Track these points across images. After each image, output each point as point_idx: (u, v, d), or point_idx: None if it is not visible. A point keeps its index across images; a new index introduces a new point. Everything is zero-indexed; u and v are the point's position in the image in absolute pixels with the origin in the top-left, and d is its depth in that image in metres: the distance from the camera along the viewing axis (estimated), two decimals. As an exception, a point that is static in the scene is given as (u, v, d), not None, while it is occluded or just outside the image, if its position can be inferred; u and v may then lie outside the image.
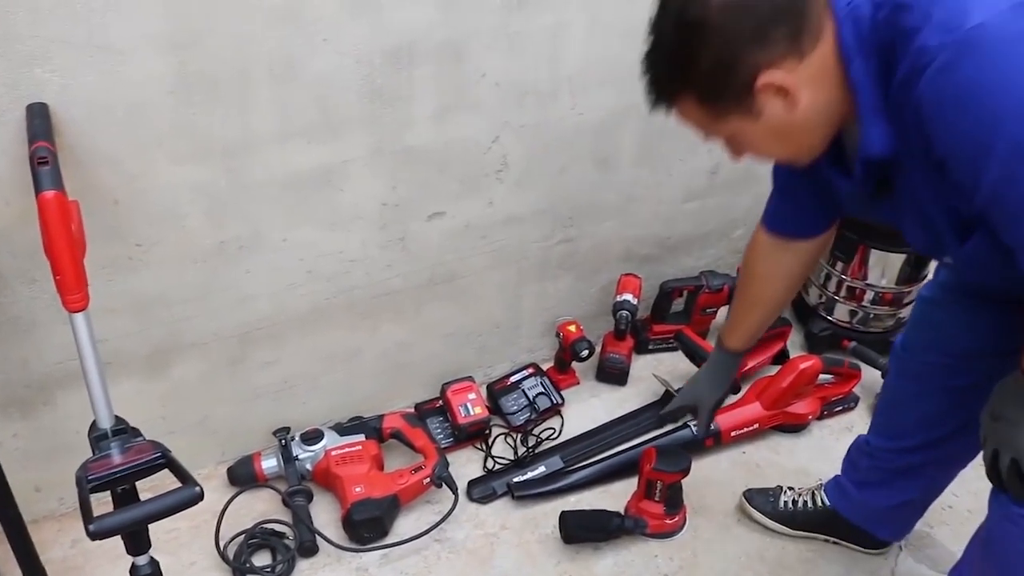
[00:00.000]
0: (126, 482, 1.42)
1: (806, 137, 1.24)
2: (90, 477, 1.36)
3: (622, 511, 2.04)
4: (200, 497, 1.33)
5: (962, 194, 1.11)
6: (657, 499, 1.99)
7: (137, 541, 1.46)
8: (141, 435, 1.50)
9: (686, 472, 1.96)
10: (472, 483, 2.15)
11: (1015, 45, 0.99)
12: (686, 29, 1.14)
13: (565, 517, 2.02)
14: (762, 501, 2.07)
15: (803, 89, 1.14)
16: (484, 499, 2.11)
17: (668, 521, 2.02)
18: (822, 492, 2.02)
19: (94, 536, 1.27)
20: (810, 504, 2.02)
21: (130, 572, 1.49)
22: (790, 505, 2.04)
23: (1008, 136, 1.01)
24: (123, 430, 1.49)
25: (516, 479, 2.15)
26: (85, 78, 1.51)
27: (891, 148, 1.17)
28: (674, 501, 2.01)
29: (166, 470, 1.39)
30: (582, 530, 2.02)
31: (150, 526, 1.41)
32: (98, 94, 1.54)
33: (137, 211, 1.70)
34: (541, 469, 2.18)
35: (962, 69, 1.01)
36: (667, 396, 2.37)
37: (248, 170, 1.76)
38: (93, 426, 1.48)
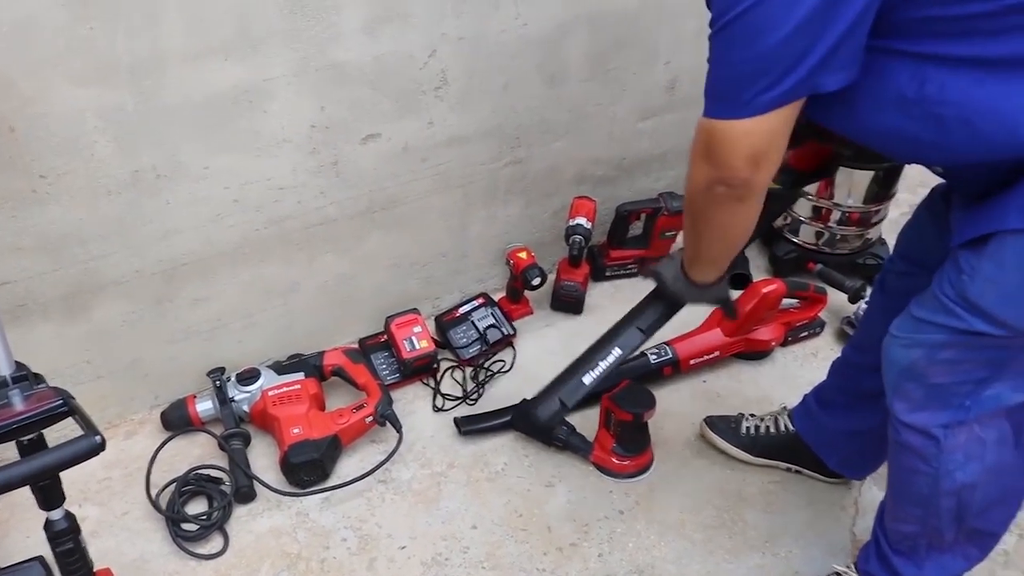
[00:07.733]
0: (28, 432, 1.31)
1: None
2: (-17, 428, 1.27)
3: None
4: (101, 447, 1.24)
5: None
6: (610, 431, 1.91)
7: (48, 495, 1.37)
8: (44, 381, 1.40)
9: (633, 416, 1.86)
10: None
11: None
12: None
13: (522, 404, 1.94)
14: (723, 427, 2.00)
15: None
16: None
17: (615, 459, 1.93)
18: (785, 417, 1.95)
19: (-24, 495, 1.18)
20: (772, 429, 1.95)
21: (44, 528, 1.40)
22: (752, 431, 1.96)
23: None
24: (24, 376, 1.38)
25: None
26: (-39, -11, 1.37)
27: None
28: (628, 445, 1.92)
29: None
30: (526, 423, 1.95)
31: (77, 476, 1.31)
32: (-22, 7, 1.40)
33: (37, 139, 1.58)
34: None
35: None
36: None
37: (160, 91, 1.64)
38: (-9, 373, 1.38)
